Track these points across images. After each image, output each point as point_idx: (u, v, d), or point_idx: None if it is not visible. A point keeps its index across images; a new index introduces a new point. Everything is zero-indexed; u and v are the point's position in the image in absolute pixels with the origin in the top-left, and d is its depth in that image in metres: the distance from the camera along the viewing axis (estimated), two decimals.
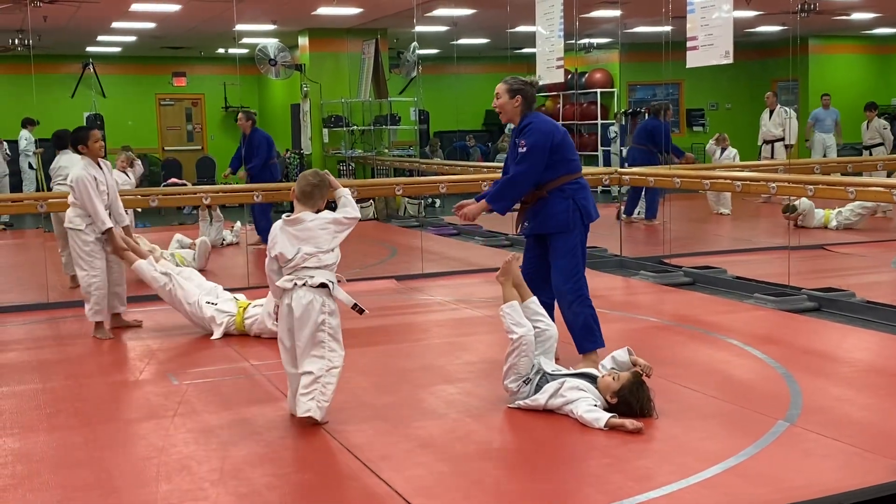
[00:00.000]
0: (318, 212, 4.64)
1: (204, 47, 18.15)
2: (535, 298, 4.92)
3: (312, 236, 4.51)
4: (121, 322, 7.00)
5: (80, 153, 6.69)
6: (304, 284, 4.46)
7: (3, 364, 6.15)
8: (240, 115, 11.56)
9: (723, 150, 13.61)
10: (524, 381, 4.69)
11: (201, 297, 6.73)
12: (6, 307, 7.93)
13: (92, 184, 6.52)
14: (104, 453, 4.32)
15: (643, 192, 12.18)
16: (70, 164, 8.23)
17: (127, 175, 9.95)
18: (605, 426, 4.37)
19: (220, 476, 3.96)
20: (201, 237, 10.09)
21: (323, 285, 4.46)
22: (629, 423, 4.37)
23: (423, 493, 3.73)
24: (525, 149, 5.25)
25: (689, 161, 12.80)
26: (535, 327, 4.77)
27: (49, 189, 9.57)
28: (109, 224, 6.57)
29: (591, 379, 4.67)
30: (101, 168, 6.67)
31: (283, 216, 4.61)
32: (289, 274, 4.51)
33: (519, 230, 5.58)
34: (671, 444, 4.23)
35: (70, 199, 6.65)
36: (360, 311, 4.57)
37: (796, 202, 10.85)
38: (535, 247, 5.46)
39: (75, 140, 6.74)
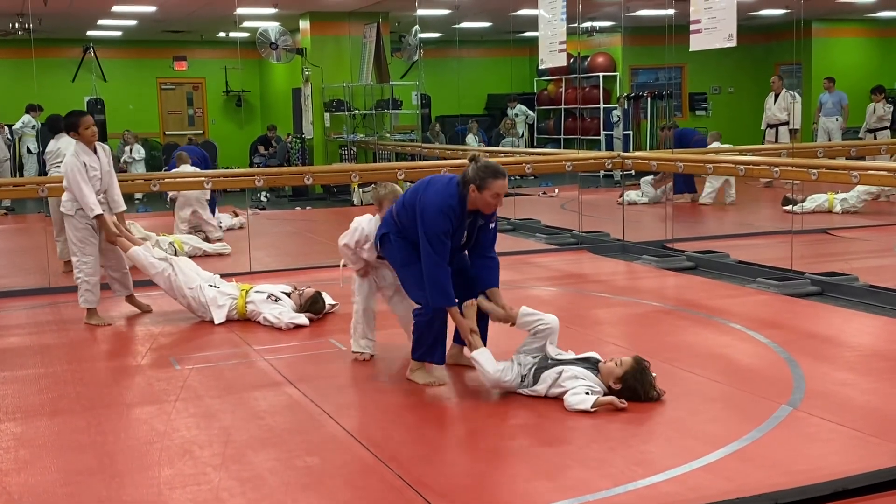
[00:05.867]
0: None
1: (205, 31, 18.08)
2: (524, 308, 4.85)
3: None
4: (134, 302, 6.99)
5: (73, 139, 6.65)
6: None
7: (4, 349, 6.16)
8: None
9: None
10: (520, 378, 4.69)
11: (202, 282, 6.72)
12: (8, 292, 7.92)
13: (81, 170, 6.44)
14: (106, 438, 4.33)
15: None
16: (66, 148, 8.20)
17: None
18: (591, 407, 4.39)
19: (223, 461, 3.96)
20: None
21: None
22: (616, 401, 4.42)
23: (425, 476, 3.72)
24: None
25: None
26: (537, 328, 4.75)
27: (45, 173, 9.57)
28: (98, 211, 6.49)
29: (593, 364, 4.67)
30: (95, 153, 6.60)
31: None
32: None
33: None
34: (674, 428, 4.23)
35: (64, 182, 6.62)
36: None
37: (789, 195, 10.84)
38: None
39: (67, 126, 6.67)
